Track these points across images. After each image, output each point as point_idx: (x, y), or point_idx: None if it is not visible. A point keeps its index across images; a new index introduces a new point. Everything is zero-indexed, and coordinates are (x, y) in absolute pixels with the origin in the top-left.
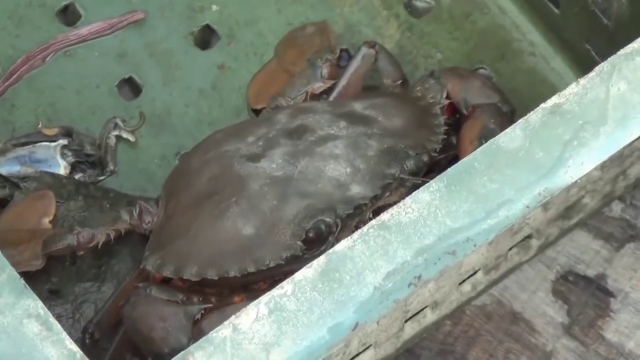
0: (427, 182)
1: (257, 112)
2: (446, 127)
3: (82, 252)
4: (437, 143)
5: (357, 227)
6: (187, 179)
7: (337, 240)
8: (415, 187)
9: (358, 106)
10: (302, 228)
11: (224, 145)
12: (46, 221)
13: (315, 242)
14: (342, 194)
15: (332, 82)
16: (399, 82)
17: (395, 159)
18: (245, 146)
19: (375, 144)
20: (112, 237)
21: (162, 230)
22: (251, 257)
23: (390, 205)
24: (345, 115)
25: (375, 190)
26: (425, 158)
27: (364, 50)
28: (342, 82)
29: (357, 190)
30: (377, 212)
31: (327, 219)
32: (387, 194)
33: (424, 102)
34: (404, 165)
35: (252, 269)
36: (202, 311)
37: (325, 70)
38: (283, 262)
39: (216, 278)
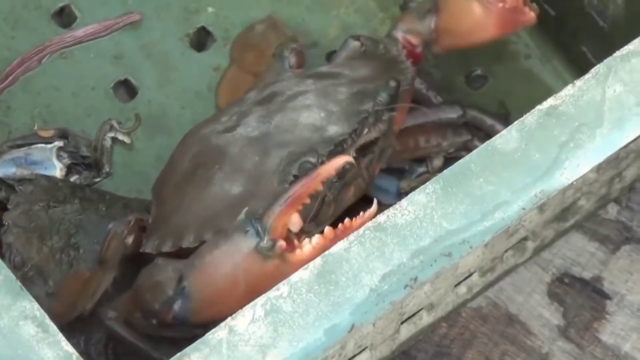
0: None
1: None
2: (411, 64)
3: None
4: (406, 74)
5: (343, 170)
6: (170, 167)
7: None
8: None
9: (323, 68)
10: (288, 172)
11: (201, 130)
12: None
13: None
14: (321, 135)
15: (301, 70)
16: None
17: (367, 96)
18: (220, 125)
19: (345, 89)
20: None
21: (155, 218)
22: (243, 211)
23: (373, 142)
24: (311, 75)
25: (353, 126)
26: (394, 84)
27: (350, 42)
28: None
29: (334, 129)
30: (361, 152)
31: (311, 159)
32: (366, 129)
33: (388, 54)
34: (377, 100)
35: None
36: None
37: (292, 60)
38: None
39: None
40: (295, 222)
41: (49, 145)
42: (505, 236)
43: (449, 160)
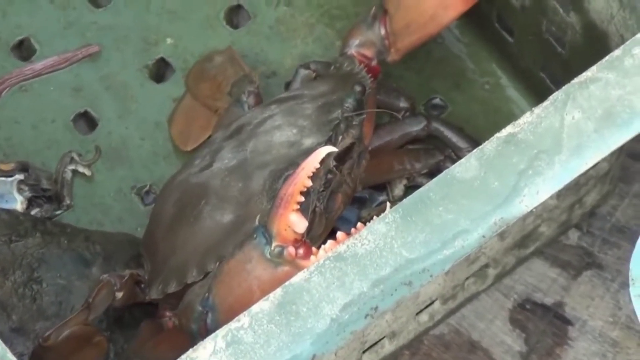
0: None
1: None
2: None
3: None
4: (364, 81)
5: (327, 180)
6: (154, 219)
7: (312, 188)
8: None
9: (282, 95)
10: (275, 189)
11: (177, 178)
12: None
13: None
14: (298, 149)
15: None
16: None
17: (333, 105)
18: (194, 167)
19: (310, 105)
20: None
21: (152, 268)
22: (242, 235)
23: (349, 149)
24: (272, 102)
25: (326, 134)
26: (359, 88)
27: (301, 71)
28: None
29: (309, 141)
30: (340, 160)
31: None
32: (340, 137)
33: (342, 71)
34: (344, 106)
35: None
36: None
37: (251, 102)
38: None
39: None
40: (296, 222)
41: (10, 179)
42: (466, 264)
43: (410, 189)
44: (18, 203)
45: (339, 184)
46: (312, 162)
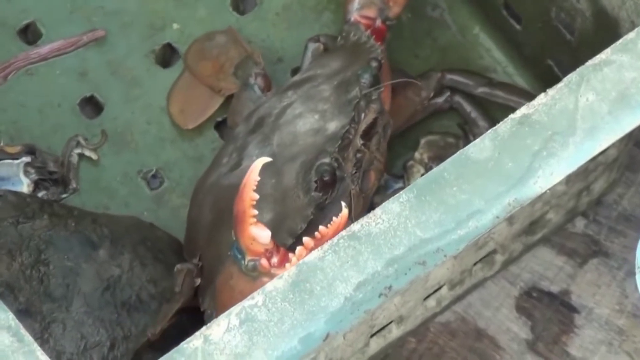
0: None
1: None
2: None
3: None
4: (374, 51)
5: (358, 159)
6: (194, 225)
7: (346, 172)
8: None
9: (295, 78)
10: (309, 181)
11: (207, 181)
12: None
13: (329, 185)
14: (324, 136)
15: (272, 90)
16: None
17: (349, 84)
18: (223, 167)
19: (326, 86)
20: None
21: (203, 276)
22: (284, 232)
23: (373, 123)
24: (288, 88)
25: (349, 115)
26: (374, 64)
27: (310, 44)
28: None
29: (334, 125)
30: (366, 136)
31: (325, 160)
32: (363, 114)
33: (349, 42)
34: (361, 83)
35: (290, 241)
36: None
37: (261, 85)
38: (312, 217)
39: None
40: (258, 234)
41: (16, 162)
42: (474, 248)
43: None
44: (24, 186)
45: (370, 162)
46: (253, 177)
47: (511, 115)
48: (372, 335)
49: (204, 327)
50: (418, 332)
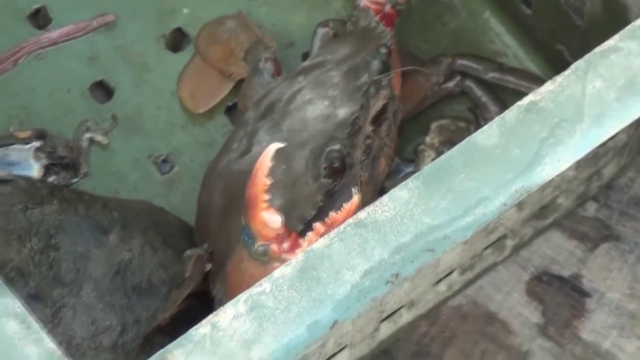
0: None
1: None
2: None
3: None
4: (383, 37)
5: (367, 146)
6: (205, 210)
7: (356, 159)
8: None
9: (305, 63)
10: (319, 167)
11: (217, 166)
12: None
13: (338, 171)
14: (333, 122)
15: (282, 75)
16: None
17: (359, 70)
18: (233, 152)
19: (336, 72)
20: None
21: (213, 261)
22: (294, 219)
23: (383, 109)
24: (297, 73)
25: (358, 101)
26: (384, 50)
27: (319, 29)
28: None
29: (343, 111)
30: (376, 122)
31: (334, 147)
32: (372, 101)
33: (358, 27)
34: (370, 69)
35: (300, 227)
36: None
37: (271, 70)
38: (322, 204)
39: None
40: (269, 220)
41: (27, 146)
42: (484, 234)
43: None
44: (35, 170)
45: (380, 148)
46: (266, 162)
47: (518, 103)
48: (382, 321)
49: (211, 315)
50: (430, 315)
